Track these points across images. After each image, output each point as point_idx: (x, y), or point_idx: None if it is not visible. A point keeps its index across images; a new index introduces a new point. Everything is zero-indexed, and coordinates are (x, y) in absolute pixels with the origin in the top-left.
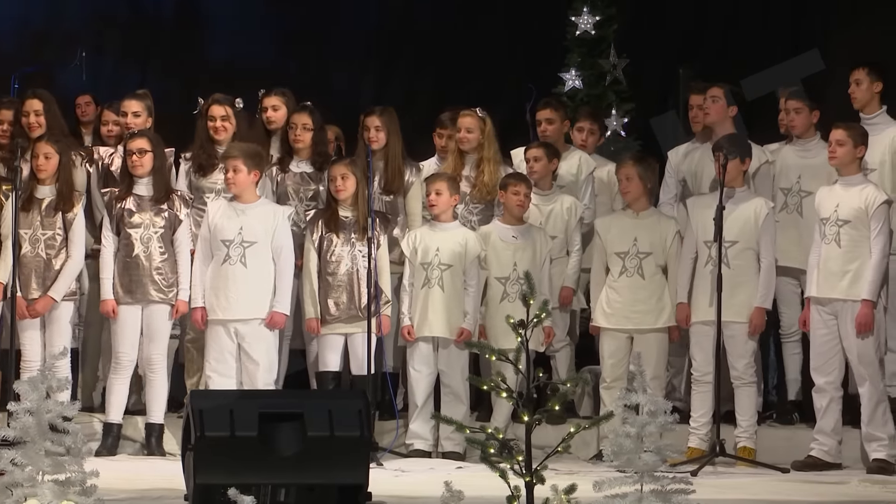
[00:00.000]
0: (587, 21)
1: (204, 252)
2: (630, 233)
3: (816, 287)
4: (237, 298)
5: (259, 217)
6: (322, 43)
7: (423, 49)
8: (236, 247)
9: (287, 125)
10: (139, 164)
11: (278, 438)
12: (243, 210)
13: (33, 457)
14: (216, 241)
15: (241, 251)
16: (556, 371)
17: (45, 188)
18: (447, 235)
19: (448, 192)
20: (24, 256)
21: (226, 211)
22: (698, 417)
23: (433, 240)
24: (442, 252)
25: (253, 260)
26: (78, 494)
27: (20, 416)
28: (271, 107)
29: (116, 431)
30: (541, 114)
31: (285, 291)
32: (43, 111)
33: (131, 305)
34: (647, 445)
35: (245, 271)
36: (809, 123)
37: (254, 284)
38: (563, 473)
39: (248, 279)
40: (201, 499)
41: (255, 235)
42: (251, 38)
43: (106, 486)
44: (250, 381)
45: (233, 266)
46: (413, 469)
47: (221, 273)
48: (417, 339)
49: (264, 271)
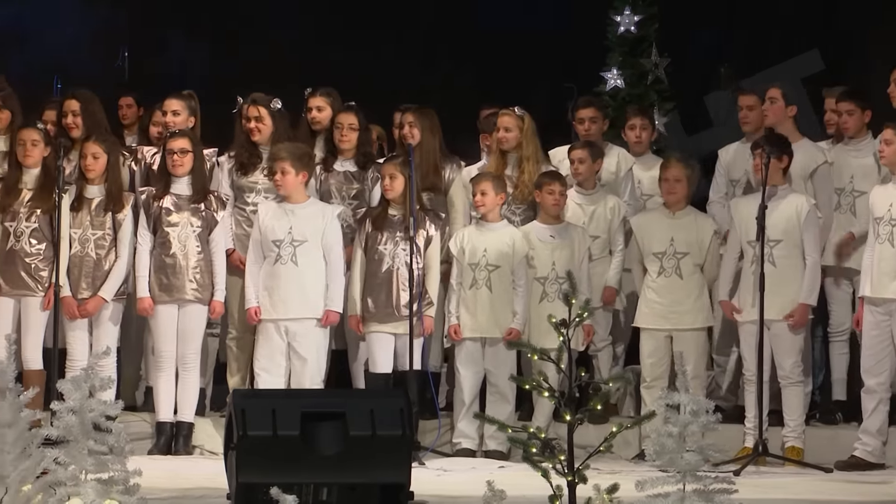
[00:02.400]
0: (629, 20)
1: (255, 253)
2: (667, 233)
3: (870, 287)
4: (288, 298)
5: (308, 217)
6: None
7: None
8: (286, 246)
9: (332, 125)
10: (179, 163)
11: (320, 438)
12: (292, 210)
13: (76, 456)
14: (267, 241)
15: (292, 250)
16: (599, 370)
17: (94, 188)
18: (494, 235)
19: (493, 191)
20: (74, 256)
21: (276, 212)
22: (752, 417)
23: (480, 240)
24: (489, 253)
25: (303, 259)
26: (121, 493)
27: (63, 415)
28: (316, 107)
29: (169, 430)
30: (583, 112)
31: (338, 290)
32: (80, 111)
33: (167, 304)
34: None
35: (296, 270)
36: (862, 124)
37: (305, 283)
38: (606, 473)
39: (298, 278)
40: (244, 498)
41: (304, 235)
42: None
43: (148, 485)
44: (298, 380)
45: (284, 266)
46: (455, 468)
47: (273, 273)
48: (464, 338)
49: (315, 270)
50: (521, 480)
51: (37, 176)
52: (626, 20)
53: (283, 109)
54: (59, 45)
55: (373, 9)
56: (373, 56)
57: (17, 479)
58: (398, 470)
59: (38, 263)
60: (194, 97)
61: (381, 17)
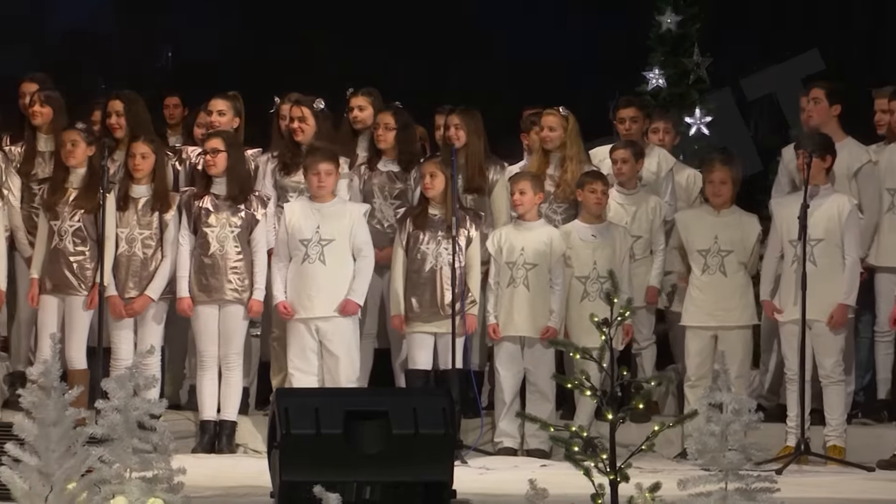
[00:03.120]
0: (671, 19)
1: (282, 252)
2: (711, 230)
3: None
4: (317, 296)
5: (335, 215)
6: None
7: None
8: (314, 245)
9: (373, 124)
10: (212, 163)
11: (363, 436)
12: (319, 209)
13: (121, 454)
14: (294, 241)
15: (320, 249)
16: (642, 369)
17: (141, 187)
18: (532, 234)
19: (532, 190)
20: (121, 256)
21: (303, 211)
22: (794, 416)
23: (518, 239)
24: (527, 251)
25: (331, 258)
26: (165, 491)
27: (108, 413)
28: (357, 106)
29: (212, 428)
30: (624, 112)
31: (362, 283)
32: (124, 111)
33: (207, 304)
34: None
35: (324, 269)
36: None
37: (333, 282)
38: (648, 472)
39: (327, 277)
40: (287, 496)
41: (332, 233)
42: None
43: (192, 483)
44: (332, 377)
45: (312, 265)
46: (497, 467)
47: (301, 272)
48: (503, 338)
49: (343, 268)
50: (563, 479)
51: (82, 176)
52: (668, 20)
53: (325, 109)
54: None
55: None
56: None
57: (62, 478)
58: (441, 468)
59: (83, 263)
60: (239, 98)
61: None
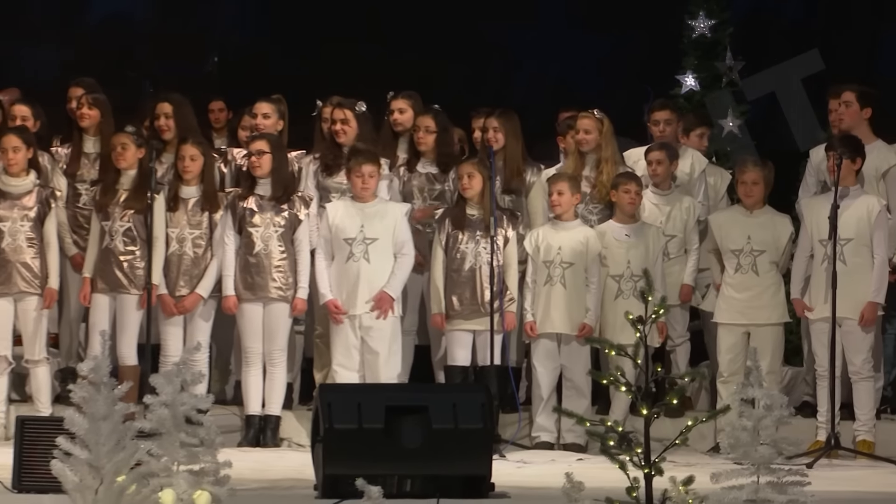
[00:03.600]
0: (703, 24)
1: (326, 251)
2: (744, 230)
3: None
4: (361, 294)
5: (379, 215)
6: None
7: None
8: (359, 244)
9: (413, 127)
10: (257, 164)
11: (404, 430)
12: (362, 209)
13: (169, 448)
14: (338, 240)
15: (364, 248)
16: (676, 366)
17: (191, 188)
18: (569, 234)
19: (569, 191)
20: (172, 255)
21: (346, 210)
22: (825, 412)
23: (555, 238)
24: (564, 250)
25: (375, 256)
26: (211, 484)
27: (156, 408)
28: (398, 109)
29: (257, 423)
30: (659, 115)
31: (399, 278)
32: (172, 114)
33: (252, 302)
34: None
35: (368, 267)
36: None
37: (377, 280)
38: (681, 465)
39: (370, 275)
40: (330, 489)
41: (376, 232)
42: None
43: (238, 476)
44: (373, 373)
45: (356, 263)
46: (534, 460)
47: (345, 270)
48: (540, 335)
49: (386, 266)
50: (598, 472)
51: (132, 177)
52: (700, 24)
53: (367, 112)
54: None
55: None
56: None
57: (112, 470)
58: (479, 462)
59: (133, 262)
60: (283, 101)
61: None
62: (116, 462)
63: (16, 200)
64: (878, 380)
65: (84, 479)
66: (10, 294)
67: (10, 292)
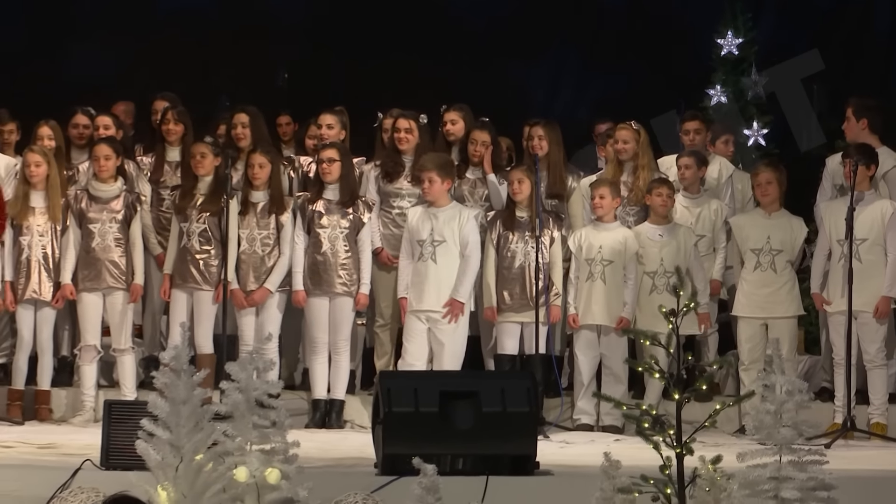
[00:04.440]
0: (731, 43)
1: (406, 251)
2: (763, 231)
3: None
4: (429, 291)
5: (448, 219)
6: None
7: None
8: (428, 246)
9: (466, 136)
10: (328, 171)
11: (457, 413)
12: (435, 214)
13: (242, 429)
14: (413, 242)
15: (432, 249)
16: (705, 354)
17: (259, 193)
18: (609, 234)
19: (610, 196)
20: (242, 254)
21: (421, 215)
22: (841, 397)
23: (596, 238)
24: (604, 249)
25: (442, 257)
26: (281, 462)
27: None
28: (450, 121)
29: (323, 406)
30: (689, 125)
31: (466, 282)
32: (248, 124)
33: (319, 297)
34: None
35: (435, 267)
36: None
37: (443, 278)
38: (710, 445)
39: (437, 274)
40: (389, 467)
41: (443, 235)
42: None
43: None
44: (438, 362)
45: (425, 263)
46: (576, 441)
47: (417, 269)
48: (581, 326)
49: (451, 267)
50: (634, 452)
51: (209, 183)
52: (728, 43)
53: (426, 124)
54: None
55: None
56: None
57: (191, 450)
58: (526, 442)
59: (208, 260)
60: (345, 112)
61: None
62: (195, 442)
63: (105, 204)
64: (890, 367)
65: (166, 457)
66: (99, 289)
67: (99, 287)
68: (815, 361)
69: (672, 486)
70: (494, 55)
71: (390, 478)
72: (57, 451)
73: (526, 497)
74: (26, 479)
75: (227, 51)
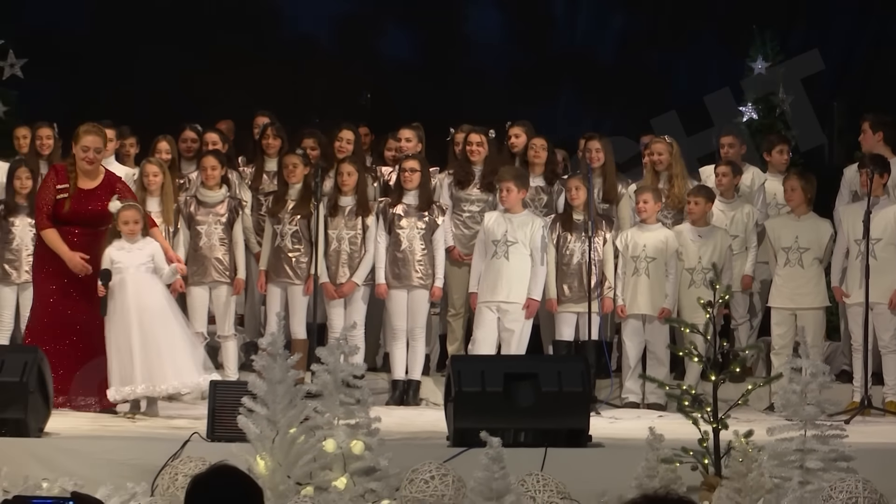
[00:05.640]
0: (761, 66)
1: (480, 251)
2: (792, 232)
3: None
4: (501, 284)
5: (521, 223)
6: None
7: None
8: (502, 245)
9: (527, 148)
10: (409, 179)
11: (519, 393)
12: (510, 218)
13: (331, 406)
14: (488, 242)
15: (506, 249)
16: (739, 341)
17: (347, 198)
18: (652, 235)
19: (653, 200)
20: (332, 251)
21: (497, 219)
22: (859, 378)
23: (641, 238)
24: (648, 248)
25: (514, 256)
26: (365, 435)
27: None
28: (514, 135)
29: (401, 386)
30: (725, 139)
31: (539, 283)
32: (353, 140)
33: (399, 289)
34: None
35: (507, 264)
36: None
37: (513, 274)
38: (743, 421)
39: (509, 270)
40: (459, 439)
41: (516, 237)
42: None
43: (386, 428)
44: (506, 347)
45: (499, 260)
46: (624, 417)
47: (491, 265)
48: (629, 316)
49: (521, 264)
50: (676, 427)
51: (299, 190)
52: (759, 66)
53: (494, 137)
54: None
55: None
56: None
57: (286, 424)
58: (580, 418)
59: (298, 258)
60: (421, 128)
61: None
62: (289, 417)
63: (211, 208)
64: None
65: (263, 430)
66: (205, 283)
67: (205, 281)
68: (835, 347)
69: (709, 456)
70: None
71: (460, 449)
72: (169, 425)
73: (580, 466)
74: (143, 449)
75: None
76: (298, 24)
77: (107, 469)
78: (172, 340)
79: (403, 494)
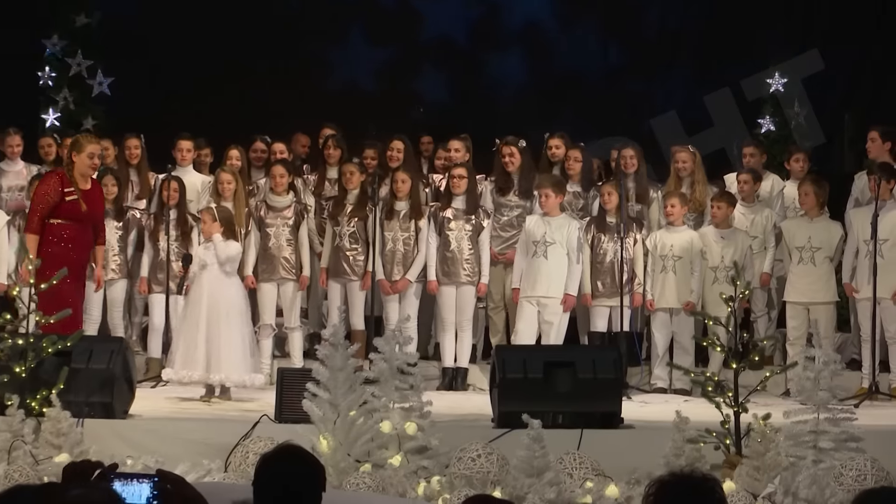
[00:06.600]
0: (777, 82)
1: (521, 250)
2: (806, 232)
3: None
4: (540, 281)
5: (559, 226)
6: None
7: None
8: (541, 245)
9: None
10: (458, 185)
11: (557, 379)
12: (549, 221)
13: (387, 391)
14: (529, 242)
15: (545, 248)
16: (758, 332)
17: (402, 203)
18: (678, 235)
19: (679, 204)
20: (388, 251)
21: (538, 221)
22: (868, 366)
23: (668, 238)
24: (675, 247)
25: (552, 255)
26: (418, 418)
27: (378, 362)
28: (554, 145)
29: (451, 373)
30: (747, 149)
31: (575, 280)
32: (403, 150)
33: (448, 286)
34: (822, 386)
35: (546, 262)
36: None
37: (552, 271)
38: (761, 405)
39: (547, 268)
40: (503, 421)
41: (554, 238)
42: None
43: (436, 412)
44: (545, 338)
45: (538, 258)
46: (652, 401)
47: (532, 264)
48: (657, 309)
49: (558, 263)
50: (700, 410)
51: (356, 195)
52: (776, 82)
53: (526, 147)
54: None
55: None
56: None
57: (346, 407)
58: (612, 402)
59: (356, 256)
60: (469, 139)
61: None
62: (349, 401)
63: (279, 212)
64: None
65: (326, 413)
66: (274, 279)
67: (273, 278)
68: (846, 338)
69: (730, 437)
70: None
71: (504, 430)
72: (240, 408)
73: (613, 446)
74: (216, 430)
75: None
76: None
77: (185, 447)
78: (232, 340)
79: (452, 471)
